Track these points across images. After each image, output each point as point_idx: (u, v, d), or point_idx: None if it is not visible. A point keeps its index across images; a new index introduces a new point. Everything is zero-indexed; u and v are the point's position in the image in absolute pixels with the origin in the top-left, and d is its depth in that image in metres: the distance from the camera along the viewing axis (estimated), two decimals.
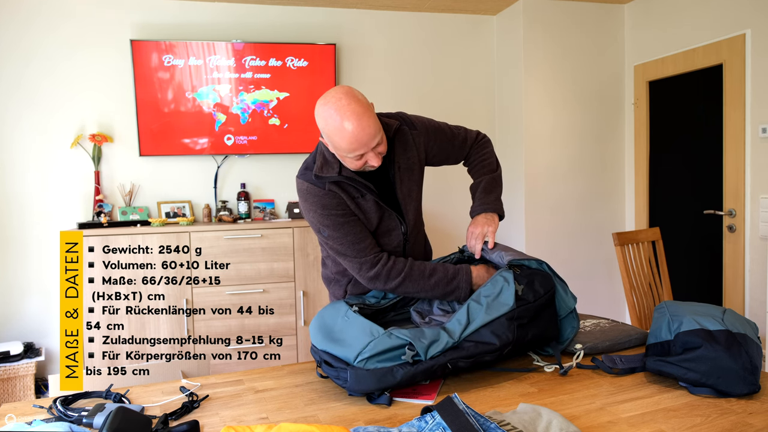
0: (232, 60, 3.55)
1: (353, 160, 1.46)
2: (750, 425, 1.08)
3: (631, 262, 2.89)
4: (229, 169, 3.72)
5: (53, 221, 3.43)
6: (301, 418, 1.17)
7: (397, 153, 1.62)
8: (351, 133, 1.39)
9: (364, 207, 1.57)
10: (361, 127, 1.39)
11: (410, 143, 1.65)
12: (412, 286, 1.53)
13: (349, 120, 1.39)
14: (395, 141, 1.61)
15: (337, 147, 1.45)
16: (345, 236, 1.54)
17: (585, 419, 1.12)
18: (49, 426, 1.08)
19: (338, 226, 1.54)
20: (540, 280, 1.40)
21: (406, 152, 1.64)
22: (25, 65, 3.38)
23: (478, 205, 1.68)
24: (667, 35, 3.64)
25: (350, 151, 1.43)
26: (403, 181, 1.63)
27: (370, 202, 1.56)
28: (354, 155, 1.44)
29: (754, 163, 3.12)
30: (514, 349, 1.35)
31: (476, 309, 1.32)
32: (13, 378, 3.07)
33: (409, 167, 1.65)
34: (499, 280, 1.37)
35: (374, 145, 1.44)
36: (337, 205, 1.53)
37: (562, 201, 3.94)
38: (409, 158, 1.64)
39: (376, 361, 1.22)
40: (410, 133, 1.66)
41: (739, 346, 1.20)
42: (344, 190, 1.54)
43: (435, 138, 1.71)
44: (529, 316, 1.35)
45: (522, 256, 1.48)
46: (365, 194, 1.55)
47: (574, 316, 1.47)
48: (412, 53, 4.01)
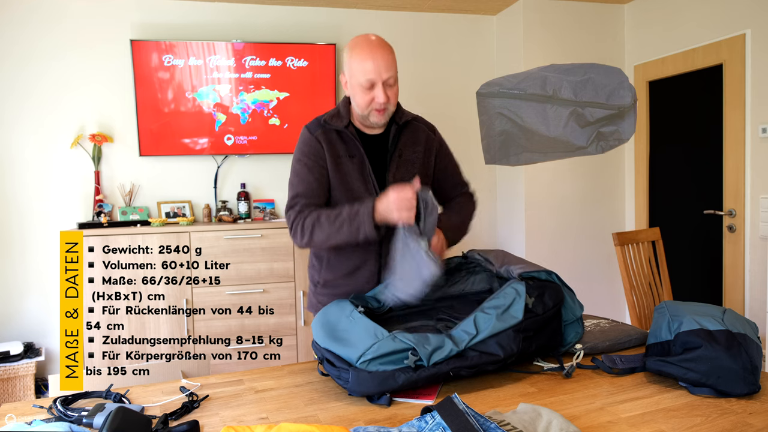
0: (232, 60, 3.55)
1: (364, 90, 1.53)
2: (750, 425, 1.07)
3: (631, 262, 2.89)
4: (229, 169, 3.72)
5: (53, 221, 3.43)
6: (301, 418, 1.17)
7: (402, 141, 1.67)
8: (368, 51, 1.52)
9: (345, 168, 1.61)
10: (380, 47, 1.53)
11: (421, 141, 1.70)
12: (322, 233, 1.54)
13: (372, 44, 1.54)
14: (405, 131, 1.68)
15: (352, 73, 1.54)
16: (294, 177, 1.63)
17: (585, 419, 1.12)
18: (49, 426, 1.08)
19: (297, 170, 1.62)
20: (550, 293, 1.39)
21: (413, 146, 1.68)
22: (25, 65, 3.38)
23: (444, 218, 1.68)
24: (667, 35, 3.65)
25: (364, 74, 1.51)
26: (399, 168, 1.65)
27: (355, 166, 1.61)
28: (366, 80, 1.51)
29: (754, 163, 3.12)
30: (516, 361, 1.34)
31: (484, 319, 1.31)
32: (13, 378, 3.07)
33: (411, 160, 1.67)
34: (511, 293, 1.35)
35: (387, 77, 1.52)
36: (311, 153, 1.60)
37: (562, 201, 3.94)
38: (414, 152, 1.68)
39: (378, 363, 1.22)
40: (426, 132, 1.72)
41: (739, 346, 1.20)
42: (332, 144, 1.61)
43: (445, 156, 1.78)
44: (536, 329, 1.34)
45: (532, 267, 1.46)
46: (355, 156, 1.61)
47: (579, 324, 1.46)
48: (411, 53, 4.00)
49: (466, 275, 1.69)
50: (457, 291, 1.67)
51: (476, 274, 1.68)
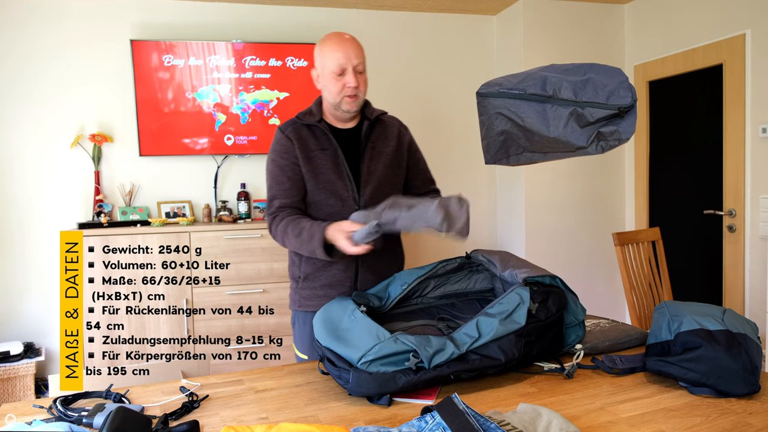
0: (232, 60, 3.55)
1: (334, 77, 1.62)
2: (750, 425, 1.08)
3: (631, 262, 2.89)
4: (229, 169, 3.71)
5: (53, 221, 3.43)
6: (301, 418, 1.17)
7: (375, 134, 1.74)
8: (338, 41, 1.62)
9: (318, 161, 1.67)
10: (349, 38, 1.64)
11: (393, 135, 1.77)
12: (290, 244, 1.64)
13: (341, 35, 1.65)
14: (377, 125, 1.75)
15: (323, 63, 1.64)
16: (269, 179, 1.71)
17: (585, 419, 1.12)
18: (49, 426, 1.08)
19: (271, 170, 1.70)
20: (554, 298, 1.38)
21: (385, 139, 1.75)
22: (25, 65, 3.38)
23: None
24: (667, 35, 3.65)
25: (334, 60, 1.61)
26: (372, 159, 1.71)
27: (328, 158, 1.67)
28: (336, 66, 1.61)
29: (754, 163, 3.12)
30: (517, 365, 1.34)
31: (486, 323, 1.30)
32: (13, 378, 3.07)
33: (384, 152, 1.74)
34: (515, 298, 1.35)
35: (356, 63, 1.62)
36: (282, 151, 1.68)
37: (562, 201, 3.94)
38: (387, 145, 1.75)
39: (379, 364, 1.22)
40: (398, 128, 1.80)
41: (739, 346, 1.20)
42: (304, 139, 1.67)
43: (416, 152, 1.85)
44: (537, 334, 1.34)
45: (536, 272, 1.46)
46: (328, 148, 1.67)
47: (581, 327, 1.46)
48: (411, 53, 4.01)
49: (468, 274, 1.69)
50: (459, 290, 1.67)
51: (478, 273, 1.68)
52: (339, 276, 1.72)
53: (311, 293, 1.75)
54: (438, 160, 4.14)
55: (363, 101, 1.71)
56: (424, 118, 4.06)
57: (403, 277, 1.62)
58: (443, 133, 4.06)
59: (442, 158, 4.05)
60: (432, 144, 4.06)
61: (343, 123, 1.75)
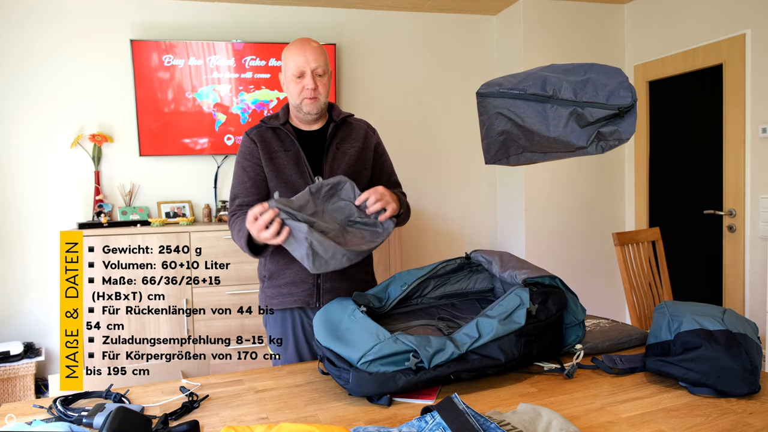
0: (232, 60, 3.55)
1: (294, 80, 1.68)
2: (750, 425, 1.07)
3: (631, 262, 2.89)
4: (229, 169, 3.71)
5: (53, 221, 3.43)
6: (301, 418, 1.17)
7: (340, 136, 1.78)
8: (299, 46, 1.69)
9: (280, 161, 1.71)
10: (309, 43, 1.70)
11: (359, 137, 1.81)
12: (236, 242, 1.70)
13: (303, 41, 1.71)
14: (343, 127, 1.80)
15: (286, 66, 1.70)
16: (233, 180, 1.78)
17: (585, 419, 1.12)
18: (49, 426, 1.08)
19: (235, 171, 1.78)
20: (554, 299, 1.38)
21: (351, 141, 1.79)
22: (24, 65, 3.38)
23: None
24: (667, 35, 3.65)
25: (294, 63, 1.67)
26: (335, 159, 1.74)
27: (290, 159, 1.72)
28: (296, 69, 1.67)
29: (754, 163, 3.12)
30: (517, 365, 1.34)
31: (486, 323, 1.31)
32: (13, 378, 3.07)
33: (348, 153, 1.77)
34: (515, 300, 1.35)
35: (315, 67, 1.67)
36: (245, 152, 1.75)
37: (562, 201, 3.94)
38: (352, 146, 1.78)
39: (379, 364, 1.22)
40: (366, 131, 1.84)
41: (739, 346, 1.20)
42: (267, 141, 1.72)
43: (382, 155, 1.89)
44: (537, 334, 1.34)
45: (536, 272, 1.46)
46: (291, 150, 1.72)
47: (581, 327, 1.46)
48: (412, 53, 4.01)
49: (468, 274, 1.69)
50: (459, 290, 1.68)
51: (478, 273, 1.69)
52: (301, 274, 1.73)
53: (276, 291, 1.77)
54: (438, 160, 4.15)
55: (325, 104, 1.75)
56: (424, 118, 4.06)
57: (403, 278, 1.62)
58: (443, 133, 4.06)
59: (442, 158, 4.05)
60: (432, 144, 4.06)
61: (309, 125, 1.79)
